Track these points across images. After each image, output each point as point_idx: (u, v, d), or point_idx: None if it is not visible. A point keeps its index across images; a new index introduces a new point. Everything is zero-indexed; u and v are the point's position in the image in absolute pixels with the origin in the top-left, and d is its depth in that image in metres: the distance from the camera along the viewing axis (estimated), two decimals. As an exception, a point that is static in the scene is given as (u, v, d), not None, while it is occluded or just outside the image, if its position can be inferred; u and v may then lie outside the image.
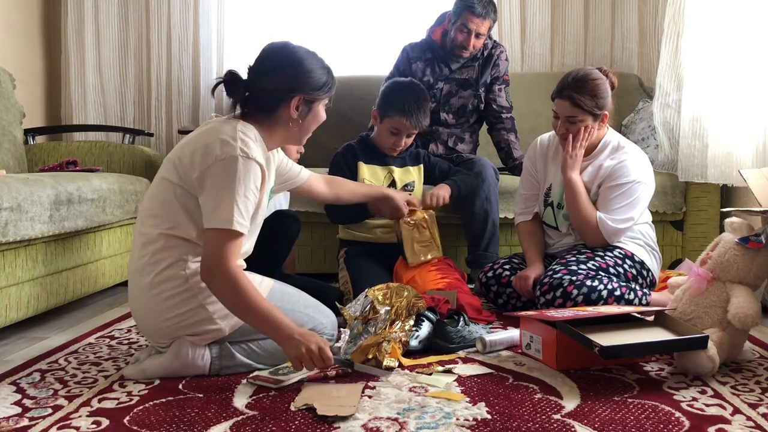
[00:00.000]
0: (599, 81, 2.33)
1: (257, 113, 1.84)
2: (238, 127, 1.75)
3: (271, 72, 1.82)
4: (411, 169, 2.79)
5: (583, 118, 2.32)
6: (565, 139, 2.38)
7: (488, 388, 1.69)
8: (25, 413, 1.54)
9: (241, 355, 1.80)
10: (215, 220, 1.68)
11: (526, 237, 2.57)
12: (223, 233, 1.67)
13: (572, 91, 2.31)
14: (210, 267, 1.68)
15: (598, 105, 2.32)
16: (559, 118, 2.37)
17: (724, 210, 2.80)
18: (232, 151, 1.69)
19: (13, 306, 2.18)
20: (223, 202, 1.67)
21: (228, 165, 1.68)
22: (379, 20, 4.03)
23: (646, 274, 2.37)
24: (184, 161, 1.75)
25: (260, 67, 1.84)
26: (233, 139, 1.71)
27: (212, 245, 1.68)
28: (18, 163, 3.19)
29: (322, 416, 1.49)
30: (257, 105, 1.83)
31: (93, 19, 4.06)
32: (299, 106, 1.83)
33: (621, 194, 2.32)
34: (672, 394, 1.64)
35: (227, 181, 1.68)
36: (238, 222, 1.67)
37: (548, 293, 2.22)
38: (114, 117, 4.11)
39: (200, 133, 1.80)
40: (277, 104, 1.82)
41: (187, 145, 1.79)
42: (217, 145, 1.71)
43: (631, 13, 3.87)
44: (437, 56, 3.11)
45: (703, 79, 2.95)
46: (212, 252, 1.67)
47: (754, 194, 2.14)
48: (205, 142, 1.74)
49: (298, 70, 1.82)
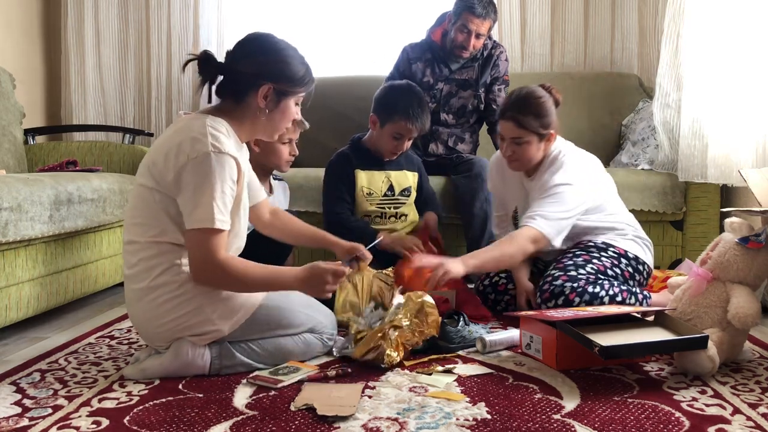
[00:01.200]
0: (543, 99, 2.29)
1: (227, 101, 1.81)
2: (207, 122, 1.72)
3: (245, 57, 1.80)
4: (408, 174, 2.78)
5: (529, 139, 2.28)
6: (512, 161, 2.33)
7: (488, 388, 1.69)
8: (25, 413, 1.54)
9: (241, 355, 1.80)
10: (195, 220, 1.66)
11: None
12: (205, 232, 1.66)
13: (515, 112, 2.26)
14: (198, 266, 1.68)
15: (543, 124, 2.28)
16: (504, 140, 2.33)
17: (724, 210, 2.79)
18: (203, 148, 1.67)
19: (13, 306, 2.18)
20: (201, 201, 1.65)
21: (201, 162, 1.66)
22: (379, 20, 4.03)
23: (642, 269, 2.37)
24: (158, 164, 1.73)
25: (236, 52, 1.82)
26: (203, 135, 1.68)
27: (196, 245, 1.67)
28: (18, 163, 3.19)
29: (322, 416, 1.49)
30: (227, 89, 1.81)
31: (93, 19, 4.06)
32: (268, 96, 1.79)
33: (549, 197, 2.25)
34: (672, 394, 1.64)
35: (202, 178, 1.66)
36: (218, 219, 1.66)
37: (550, 301, 2.21)
38: (114, 117, 4.11)
39: (171, 133, 1.77)
40: (247, 91, 1.79)
41: (160, 147, 1.76)
42: (188, 144, 1.68)
43: (631, 13, 3.87)
44: (437, 57, 3.11)
45: (703, 79, 2.95)
46: (197, 252, 1.67)
47: (754, 194, 2.14)
48: (176, 141, 1.71)
49: (272, 58, 1.80)
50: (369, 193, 2.67)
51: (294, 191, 2.98)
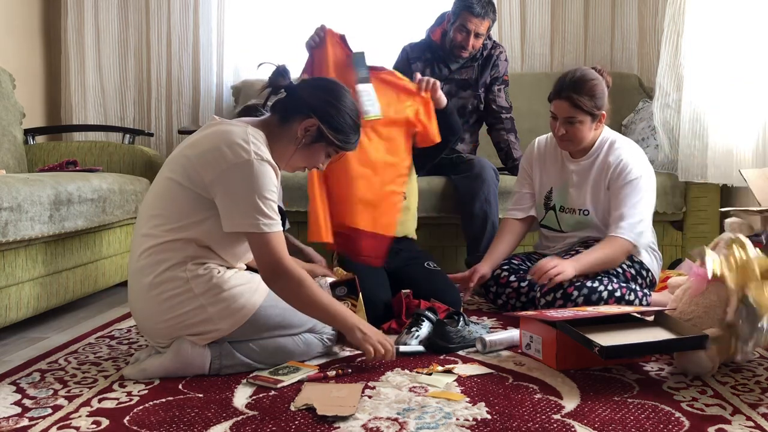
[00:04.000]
0: (596, 81, 2.34)
1: (273, 117, 1.86)
2: (248, 131, 1.75)
3: (311, 88, 1.87)
4: None
5: (582, 118, 2.33)
6: (564, 141, 2.39)
7: (488, 388, 1.69)
8: (25, 413, 1.54)
9: (241, 355, 1.80)
10: (252, 225, 1.70)
11: (503, 233, 2.58)
12: (267, 236, 1.71)
13: (571, 91, 2.31)
14: (269, 271, 1.74)
15: (597, 105, 2.33)
16: (557, 119, 2.37)
17: (723, 210, 2.80)
18: (247, 155, 1.70)
19: (13, 306, 2.18)
20: (253, 206, 1.70)
21: (245, 168, 1.69)
22: (379, 20, 4.03)
23: (645, 274, 2.37)
24: (194, 163, 1.74)
25: (308, 81, 1.92)
26: (246, 142, 1.72)
27: (262, 250, 1.73)
28: (18, 163, 3.19)
29: (322, 416, 1.49)
30: (281, 106, 1.86)
31: (93, 19, 4.06)
32: (309, 130, 1.83)
33: (631, 192, 2.32)
34: (672, 394, 1.64)
35: (250, 184, 1.69)
36: (274, 221, 1.72)
37: (548, 294, 2.23)
38: (114, 117, 4.11)
39: (208, 134, 1.79)
40: (295, 115, 1.83)
41: (195, 146, 1.78)
42: (231, 149, 1.71)
43: (631, 13, 3.87)
44: (437, 56, 3.11)
45: (702, 79, 2.95)
46: (266, 257, 1.73)
47: (754, 194, 2.15)
48: (215, 144, 1.73)
49: (332, 100, 1.85)
50: None
51: (294, 191, 2.98)
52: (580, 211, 2.43)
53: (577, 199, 2.44)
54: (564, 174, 2.49)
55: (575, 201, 2.45)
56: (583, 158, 2.43)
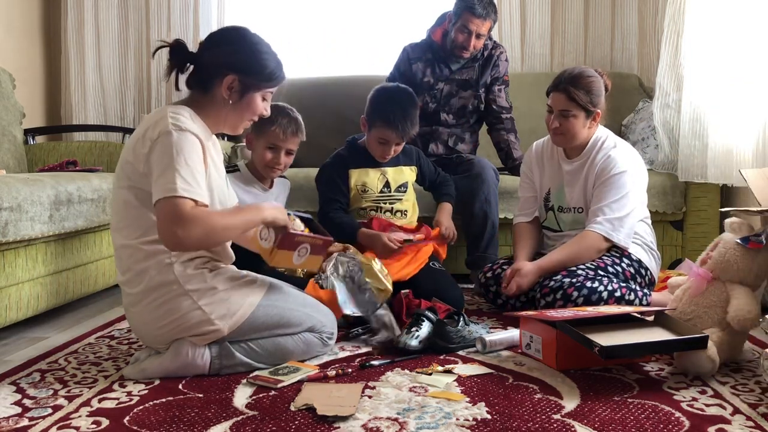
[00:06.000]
0: (594, 78, 2.37)
1: (195, 91, 1.82)
2: (168, 109, 1.73)
3: (214, 47, 1.80)
4: (404, 169, 2.75)
5: (577, 113, 2.35)
6: (557, 134, 2.40)
7: (488, 388, 1.69)
8: (25, 413, 1.55)
9: (240, 355, 1.80)
10: (160, 191, 1.62)
11: (520, 237, 2.60)
12: (170, 201, 1.59)
13: (568, 84, 2.35)
14: (167, 232, 1.60)
15: (592, 101, 2.35)
16: (552, 113, 2.39)
17: (723, 210, 2.80)
18: (164, 128, 1.67)
19: (13, 306, 2.18)
20: (165, 173, 1.62)
21: (163, 141, 1.65)
22: (379, 20, 4.03)
23: (644, 273, 2.38)
24: (128, 160, 1.73)
25: (206, 43, 1.82)
26: (163, 118, 1.69)
27: (162, 215, 1.61)
28: (18, 163, 3.19)
29: (322, 416, 1.49)
30: (195, 79, 1.82)
31: (93, 19, 4.06)
32: (232, 87, 1.78)
33: (612, 188, 2.34)
34: (672, 394, 1.64)
35: (165, 155, 1.64)
36: (182, 188, 1.60)
37: (548, 296, 2.23)
38: (114, 117, 4.11)
39: (136, 130, 1.78)
40: (212, 81, 1.78)
41: (128, 145, 1.78)
42: (151, 130, 1.69)
43: (631, 13, 3.87)
44: (437, 57, 3.11)
45: (702, 79, 2.95)
46: (164, 220, 1.61)
47: (754, 194, 2.14)
48: (140, 133, 1.72)
49: (240, 49, 1.79)
50: (364, 190, 2.66)
51: (294, 191, 2.98)
52: (575, 209, 2.45)
53: (571, 198, 2.46)
54: (560, 174, 2.51)
55: (570, 200, 2.47)
56: (576, 158, 2.46)
